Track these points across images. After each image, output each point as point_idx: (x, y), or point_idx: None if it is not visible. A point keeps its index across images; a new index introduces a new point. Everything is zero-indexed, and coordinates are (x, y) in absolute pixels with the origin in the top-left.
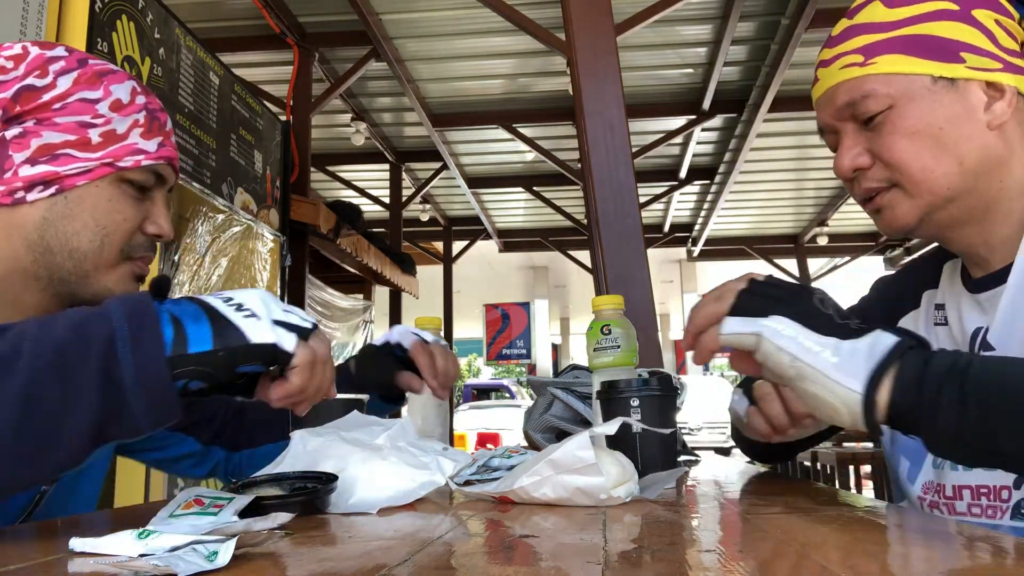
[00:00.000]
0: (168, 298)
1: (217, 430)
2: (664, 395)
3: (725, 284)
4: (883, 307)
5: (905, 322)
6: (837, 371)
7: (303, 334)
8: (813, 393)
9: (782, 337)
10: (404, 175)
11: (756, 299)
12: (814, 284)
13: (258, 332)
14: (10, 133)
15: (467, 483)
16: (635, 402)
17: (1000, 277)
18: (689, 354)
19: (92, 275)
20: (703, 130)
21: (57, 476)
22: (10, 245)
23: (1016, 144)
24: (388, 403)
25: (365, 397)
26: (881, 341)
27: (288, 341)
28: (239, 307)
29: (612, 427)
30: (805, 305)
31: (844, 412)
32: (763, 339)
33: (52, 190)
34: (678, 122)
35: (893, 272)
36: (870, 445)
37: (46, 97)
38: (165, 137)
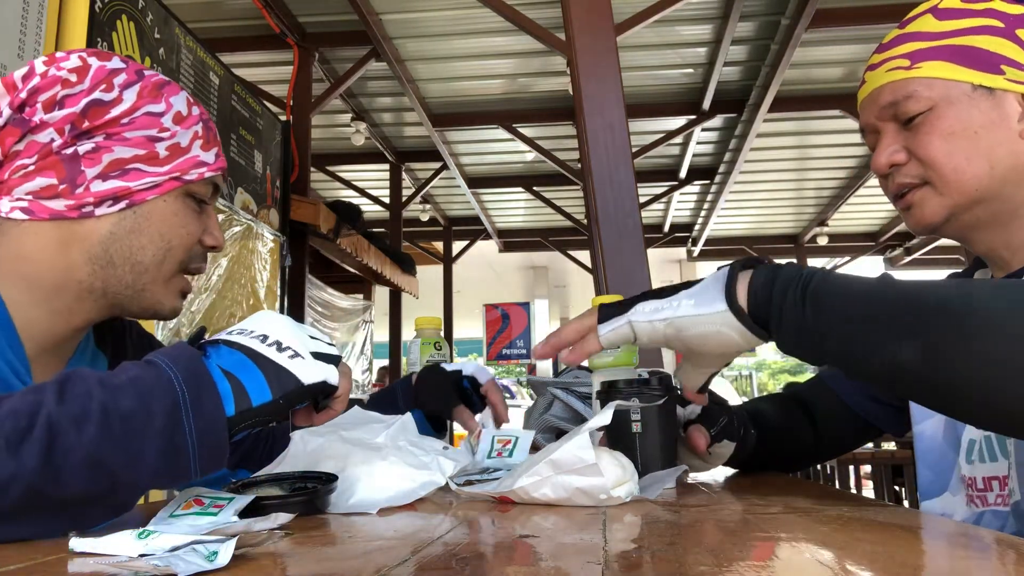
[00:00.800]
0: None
1: (245, 454)
2: (664, 395)
3: (582, 314)
4: None
5: None
6: (700, 307)
7: (337, 361)
8: (697, 334)
9: (646, 313)
10: (404, 175)
11: (615, 307)
12: None
13: (308, 373)
14: (83, 148)
15: (467, 483)
16: (635, 403)
17: (1017, 277)
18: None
19: (149, 288)
20: (703, 130)
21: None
22: (67, 257)
23: None
24: (431, 427)
25: (365, 397)
26: (721, 271)
27: (333, 376)
28: (278, 346)
29: (606, 416)
30: (653, 291)
31: (728, 332)
32: (633, 323)
33: (122, 205)
34: (678, 122)
35: None
36: (870, 445)
37: (115, 112)
38: (219, 147)
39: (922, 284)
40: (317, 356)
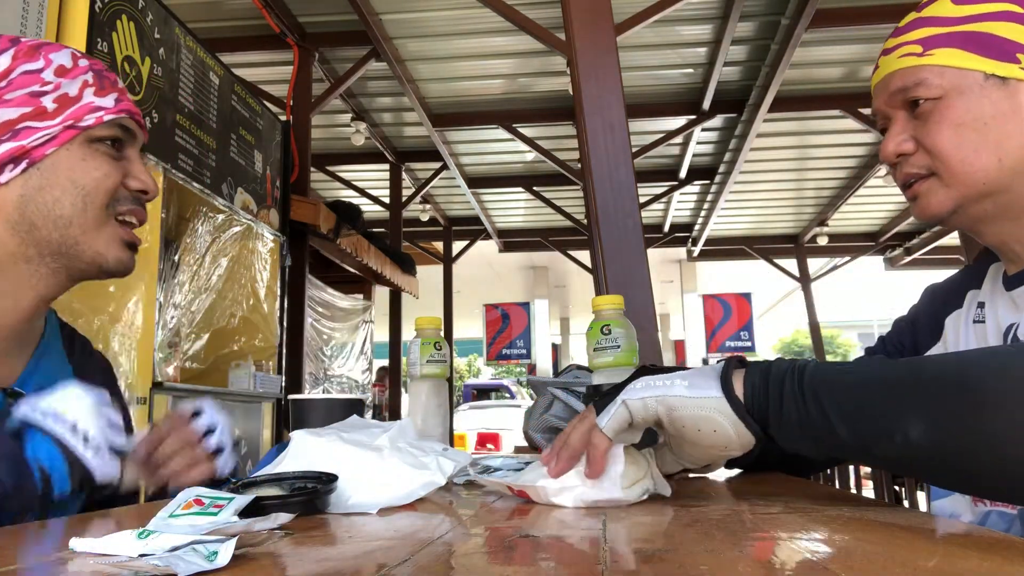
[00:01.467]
0: None
1: None
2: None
3: (577, 418)
4: (931, 311)
5: (949, 321)
6: (692, 389)
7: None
8: (689, 416)
9: (638, 391)
10: (404, 175)
11: (609, 394)
12: (814, 284)
13: (104, 466)
14: None
15: (486, 470)
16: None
17: None
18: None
19: (81, 240)
20: (703, 130)
21: None
22: None
23: None
24: None
25: (365, 397)
26: (713, 366)
27: (111, 471)
28: (85, 438)
29: (636, 437)
30: (645, 373)
31: (721, 420)
32: (628, 403)
33: (23, 165)
34: (678, 122)
35: (944, 279)
36: None
37: None
38: (120, 93)
39: (915, 363)
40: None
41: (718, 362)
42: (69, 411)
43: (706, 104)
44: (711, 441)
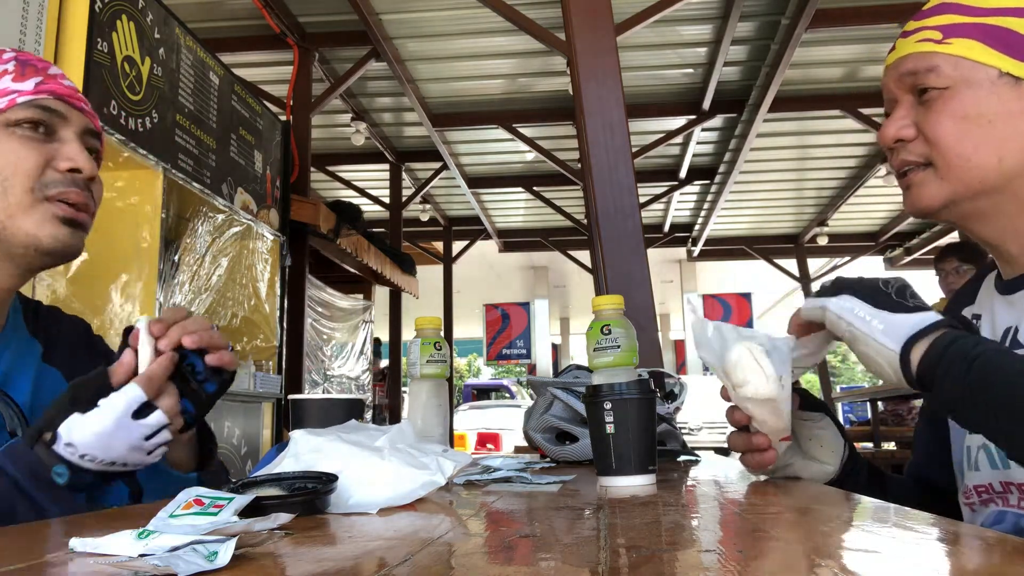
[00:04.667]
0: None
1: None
2: (639, 398)
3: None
4: None
5: None
6: (883, 335)
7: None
8: (863, 352)
9: (842, 309)
10: (404, 175)
11: (834, 287)
12: (814, 284)
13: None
14: None
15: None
16: (608, 405)
17: None
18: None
19: (8, 224)
20: (703, 130)
21: None
22: None
23: None
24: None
25: (365, 397)
26: (927, 319)
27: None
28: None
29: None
30: (871, 287)
31: (887, 368)
32: (827, 310)
33: None
34: (678, 122)
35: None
36: (869, 445)
37: None
38: (46, 77)
39: None
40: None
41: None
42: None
43: (706, 104)
44: (872, 368)
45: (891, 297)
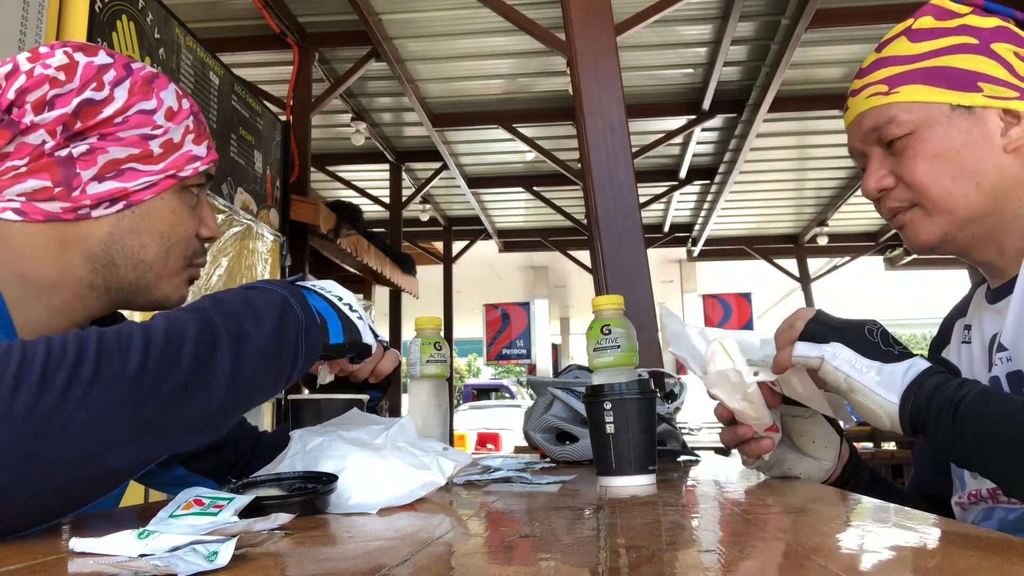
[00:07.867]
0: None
1: (192, 454)
2: (639, 398)
3: (796, 313)
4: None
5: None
6: (879, 387)
7: (376, 336)
8: (861, 402)
9: (838, 360)
10: (404, 175)
11: (821, 327)
12: (814, 284)
13: (367, 334)
14: (77, 150)
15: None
16: (608, 405)
17: (1013, 286)
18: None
19: (154, 284)
20: (703, 130)
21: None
22: (64, 256)
23: None
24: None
25: (365, 397)
26: (915, 366)
27: (373, 343)
28: (350, 307)
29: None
30: (858, 335)
31: (884, 418)
32: (824, 361)
33: (119, 206)
34: (678, 122)
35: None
36: (869, 445)
37: (107, 111)
38: (209, 139)
39: None
40: (370, 328)
41: (902, 354)
42: (335, 288)
43: (706, 104)
44: (870, 418)
45: (879, 347)
